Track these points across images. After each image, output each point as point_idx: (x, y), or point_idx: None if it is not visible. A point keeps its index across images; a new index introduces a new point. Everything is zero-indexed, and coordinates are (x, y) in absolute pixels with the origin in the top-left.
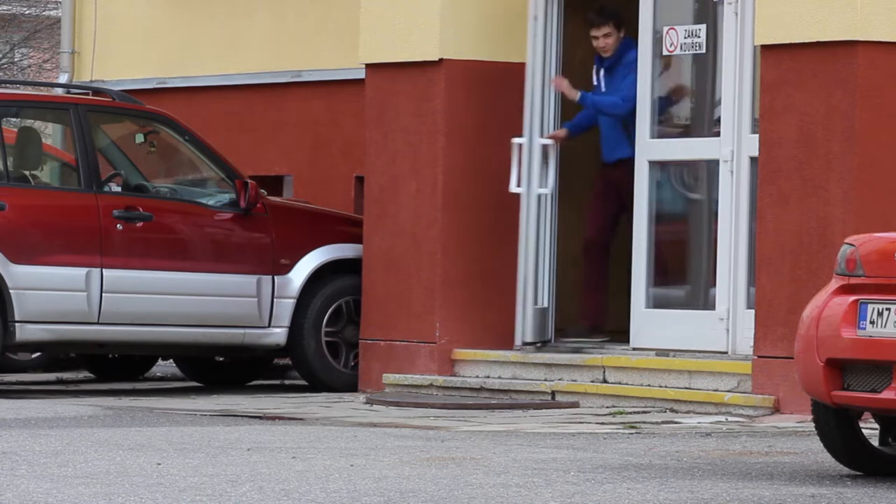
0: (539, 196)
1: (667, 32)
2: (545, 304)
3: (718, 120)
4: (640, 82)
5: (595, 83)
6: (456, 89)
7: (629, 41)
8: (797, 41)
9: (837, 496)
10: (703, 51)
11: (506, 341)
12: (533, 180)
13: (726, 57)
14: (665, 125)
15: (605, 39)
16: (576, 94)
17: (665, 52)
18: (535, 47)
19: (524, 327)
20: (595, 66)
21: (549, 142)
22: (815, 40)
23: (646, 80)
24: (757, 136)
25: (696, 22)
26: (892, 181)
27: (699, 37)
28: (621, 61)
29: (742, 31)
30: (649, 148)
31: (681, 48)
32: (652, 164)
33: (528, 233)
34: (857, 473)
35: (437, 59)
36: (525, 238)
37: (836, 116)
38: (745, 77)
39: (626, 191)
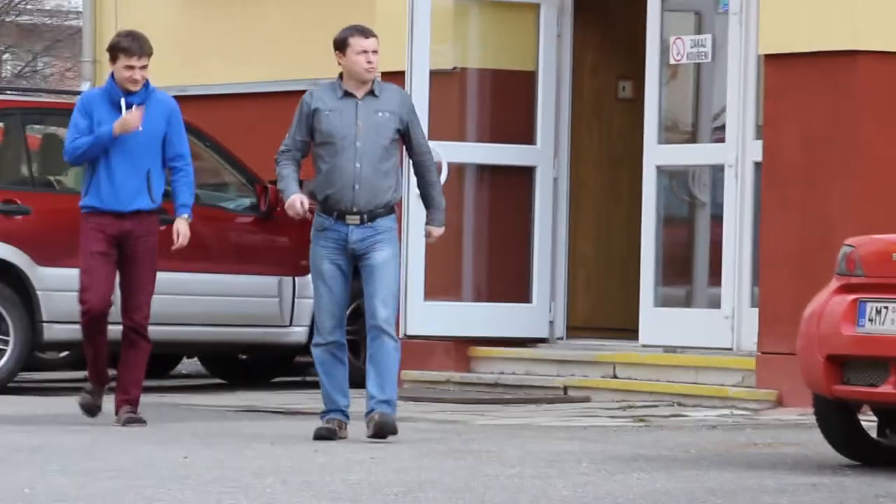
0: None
1: (673, 42)
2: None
3: (723, 126)
4: (648, 89)
5: (107, 140)
6: (469, 95)
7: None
8: (799, 51)
9: (837, 485)
10: (709, 59)
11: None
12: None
13: (731, 65)
14: (671, 131)
15: (141, 72)
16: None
17: (672, 61)
18: (548, 55)
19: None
20: (124, 101)
21: None
22: (816, 50)
23: (653, 88)
24: (761, 142)
25: (702, 32)
26: (890, 186)
27: (705, 46)
28: (151, 99)
29: (746, 41)
30: (656, 153)
31: (687, 57)
32: (659, 169)
33: (541, 233)
34: (856, 463)
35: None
36: (538, 238)
37: (836, 123)
38: (749, 85)
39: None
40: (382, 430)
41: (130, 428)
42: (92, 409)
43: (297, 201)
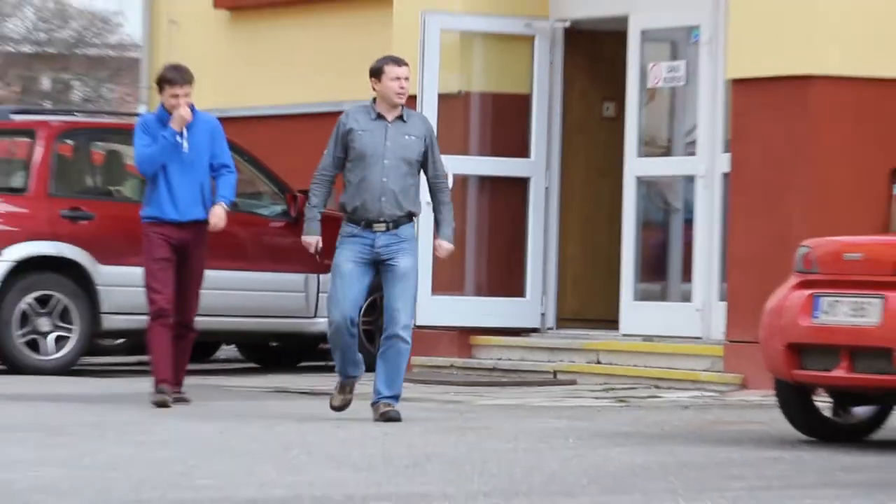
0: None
1: (651, 68)
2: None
3: (695, 142)
4: (629, 109)
5: (179, 140)
6: (472, 115)
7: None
8: (762, 75)
9: (797, 459)
10: (683, 83)
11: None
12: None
13: (702, 88)
14: (649, 146)
15: (185, 98)
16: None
17: (650, 85)
18: (542, 80)
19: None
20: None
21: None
22: (776, 75)
23: (633, 108)
24: (728, 155)
25: (676, 59)
26: (840, 195)
27: (679, 71)
28: (196, 119)
29: (715, 67)
30: (636, 165)
31: (663, 81)
32: (639, 179)
33: (534, 235)
34: (813, 440)
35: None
36: (532, 240)
37: (795, 140)
38: (717, 105)
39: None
40: (388, 421)
41: (177, 406)
42: (165, 405)
43: (312, 244)
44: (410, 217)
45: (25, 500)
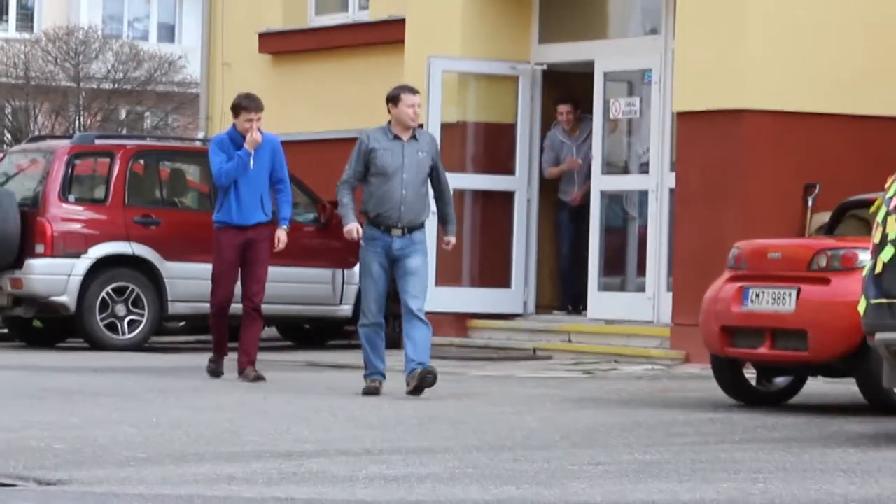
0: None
1: (613, 103)
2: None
3: (648, 162)
4: (595, 137)
5: (246, 158)
6: (468, 140)
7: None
8: (702, 109)
9: (727, 418)
10: (638, 115)
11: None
12: (524, 202)
13: (653, 119)
14: (611, 165)
15: (257, 123)
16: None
17: (612, 117)
18: (524, 112)
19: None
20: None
21: None
22: (714, 108)
23: (598, 135)
24: (674, 174)
25: (633, 95)
26: (765, 205)
27: (635, 105)
28: (262, 137)
29: (664, 102)
30: (601, 181)
31: (622, 113)
32: (602, 193)
33: (518, 238)
34: (741, 404)
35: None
36: (516, 242)
37: (729, 162)
38: (666, 133)
39: (262, 248)
40: (423, 382)
41: (226, 376)
42: (216, 373)
43: (353, 231)
44: (422, 224)
45: (107, 452)
